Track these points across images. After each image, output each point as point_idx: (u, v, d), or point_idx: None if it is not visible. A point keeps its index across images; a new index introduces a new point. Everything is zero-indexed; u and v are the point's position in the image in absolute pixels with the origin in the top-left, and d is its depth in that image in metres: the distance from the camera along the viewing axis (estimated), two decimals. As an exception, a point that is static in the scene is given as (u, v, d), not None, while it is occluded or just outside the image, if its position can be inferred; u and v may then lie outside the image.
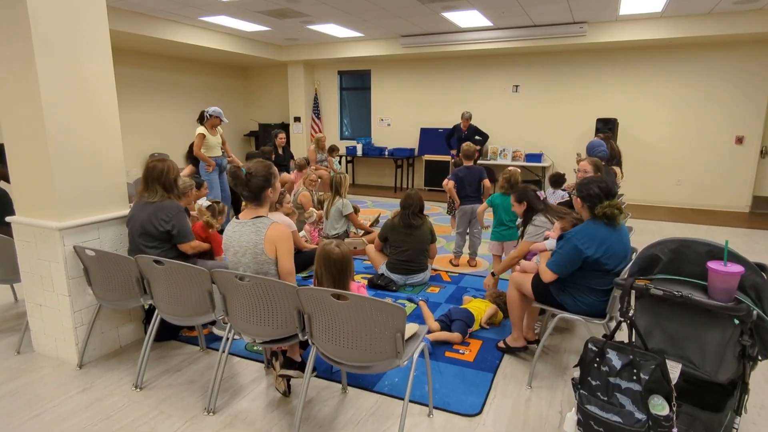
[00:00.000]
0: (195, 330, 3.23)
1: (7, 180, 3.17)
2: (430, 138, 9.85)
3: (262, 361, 2.92)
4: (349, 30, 8.41)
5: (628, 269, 2.25)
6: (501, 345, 3.05)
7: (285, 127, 10.85)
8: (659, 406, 1.72)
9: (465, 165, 4.81)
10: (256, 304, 2.29)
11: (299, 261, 2.92)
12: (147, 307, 3.14)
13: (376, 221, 6.33)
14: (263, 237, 2.35)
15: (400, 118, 10.35)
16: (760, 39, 7.33)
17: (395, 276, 4.15)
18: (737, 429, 1.95)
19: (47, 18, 2.54)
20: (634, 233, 2.71)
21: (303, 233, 5.22)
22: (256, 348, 3.07)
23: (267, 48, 9.80)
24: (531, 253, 3.29)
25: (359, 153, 10.27)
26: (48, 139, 2.60)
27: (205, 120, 5.57)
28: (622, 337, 1.93)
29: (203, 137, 5.53)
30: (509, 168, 4.22)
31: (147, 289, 2.66)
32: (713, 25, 6.95)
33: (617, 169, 5.15)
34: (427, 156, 9.69)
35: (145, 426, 2.31)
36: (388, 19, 7.54)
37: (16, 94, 2.64)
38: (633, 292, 1.97)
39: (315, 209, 5.36)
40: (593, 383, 1.87)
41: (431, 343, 3.09)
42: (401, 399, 2.53)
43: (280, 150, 7.31)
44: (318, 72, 10.99)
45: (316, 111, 10.99)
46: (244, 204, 2.52)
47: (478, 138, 8.09)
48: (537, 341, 3.07)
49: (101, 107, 2.85)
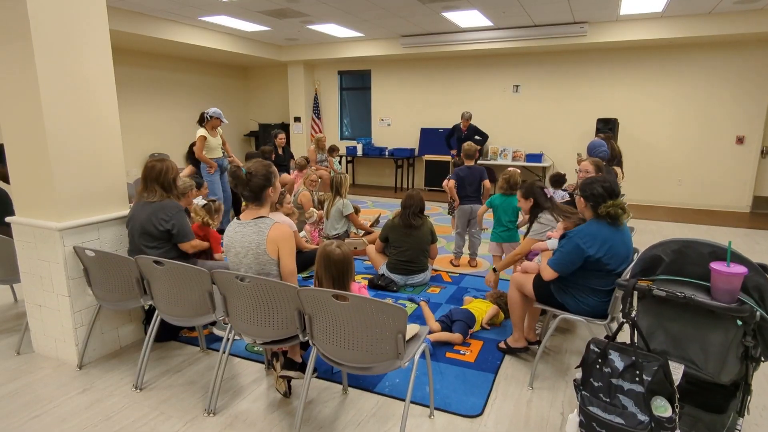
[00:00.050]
0: (195, 330, 3.22)
1: (7, 180, 3.16)
2: (430, 138, 9.84)
3: (262, 362, 2.91)
4: (350, 30, 8.40)
5: (630, 270, 2.24)
6: (502, 345, 3.04)
7: (285, 127, 10.85)
8: (662, 407, 1.71)
9: (466, 165, 4.80)
10: (256, 304, 2.28)
11: (299, 261, 2.91)
12: (147, 308, 3.13)
13: (376, 221, 6.32)
14: (265, 237, 2.34)
15: (400, 118, 10.35)
16: (760, 39, 7.32)
17: (395, 276, 4.14)
18: (740, 430, 1.94)
19: (47, 18, 2.53)
20: (634, 233, 2.71)
21: (303, 233, 5.22)
22: (256, 349, 3.06)
23: (267, 48, 9.80)
24: (532, 253, 3.28)
25: (359, 153, 10.27)
26: (48, 139, 2.59)
27: (206, 122, 5.55)
28: (623, 338, 1.92)
29: (204, 139, 5.52)
30: (509, 168, 4.22)
31: (147, 290, 2.66)
32: (714, 25, 6.94)
33: (618, 170, 5.14)
34: (428, 156, 9.69)
35: (146, 427, 2.31)
36: (388, 19, 7.54)
37: (16, 94, 2.63)
38: (635, 293, 1.96)
39: (315, 209, 5.35)
40: (595, 384, 1.87)
41: (432, 344, 3.09)
42: (402, 400, 2.52)
43: (280, 150, 7.30)
44: (318, 72, 10.98)
45: (316, 111, 10.99)
46: (244, 205, 2.51)
47: (478, 138, 8.08)
48: (538, 342, 3.06)
49: (101, 107, 2.85)
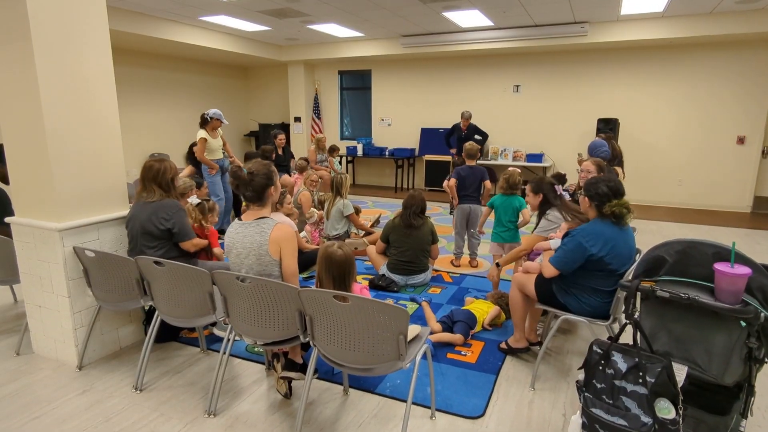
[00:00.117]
0: (195, 331, 3.21)
1: (7, 181, 3.15)
2: (430, 138, 9.83)
3: (263, 363, 2.90)
4: (350, 30, 8.39)
5: (632, 270, 2.23)
6: (503, 346, 3.03)
7: (285, 127, 10.84)
8: (665, 409, 1.70)
9: (468, 164, 4.79)
10: (257, 305, 2.27)
11: (300, 261, 2.90)
12: (147, 309, 3.12)
13: (376, 222, 6.31)
14: (268, 238, 2.33)
15: (400, 118, 10.33)
16: (761, 39, 7.31)
17: (396, 276, 4.13)
18: (743, 432, 1.93)
19: (47, 18, 2.52)
20: (635, 233, 2.70)
21: (304, 233, 5.21)
22: (257, 350, 3.05)
23: (267, 48, 9.78)
24: (534, 254, 3.27)
25: (360, 153, 10.26)
26: (48, 139, 2.58)
27: (206, 123, 5.54)
28: (626, 340, 1.91)
29: (205, 141, 5.51)
30: (509, 168, 4.21)
31: (147, 291, 2.65)
32: (715, 25, 6.93)
33: (619, 170, 5.13)
34: (428, 156, 9.68)
35: (145, 428, 2.30)
36: (388, 19, 7.53)
37: (15, 94, 2.62)
38: (639, 293, 1.95)
39: (316, 209, 5.34)
40: (598, 386, 1.85)
41: (433, 345, 3.07)
42: (403, 401, 2.51)
43: (279, 150, 7.28)
44: (318, 72, 10.97)
45: (316, 111, 10.97)
46: (244, 205, 2.50)
47: (477, 137, 8.07)
48: (539, 343, 3.05)
49: (101, 107, 2.84)
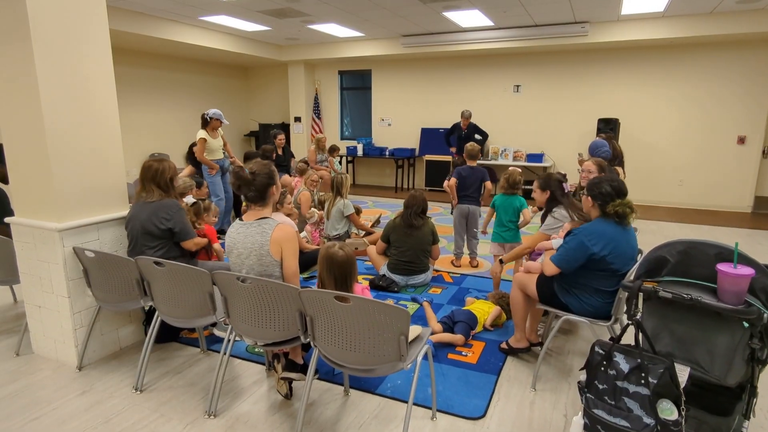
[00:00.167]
0: (195, 332, 3.20)
1: (6, 181, 3.15)
2: (430, 138, 9.82)
3: (263, 363, 2.89)
4: (350, 30, 8.38)
5: (634, 271, 2.22)
6: (504, 346, 3.02)
7: (285, 127, 10.83)
8: (668, 410, 1.69)
9: (469, 165, 4.78)
10: (257, 306, 2.26)
11: (300, 262, 2.89)
12: (147, 309, 3.12)
13: (377, 222, 6.30)
14: (269, 238, 2.33)
15: (400, 118, 10.33)
16: (762, 39, 7.30)
17: (396, 277, 4.12)
18: (745, 433, 1.92)
19: (47, 18, 2.51)
20: (636, 233, 2.69)
21: (304, 234, 5.20)
22: (257, 350, 3.04)
23: (267, 48, 9.78)
24: (536, 254, 3.26)
25: (360, 153, 10.25)
26: (48, 139, 2.57)
27: (207, 124, 5.53)
28: (628, 340, 1.90)
29: (205, 142, 5.50)
30: (510, 168, 4.21)
31: (147, 291, 2.64)
32: (715, 25, 6.92)
33: (620, 170, 5.12)
34: (428, 156, 9.67)
35: (146, 429, 2.29)
36: (388, 19, 7.52)
37: (15, 94, 2.61)
38: (641, 294, 1.94)
39: (316, 209, 5.33)
40: (600, 387, 1.85)
41: (434, 345, 3.07)
42: (404, 402, 2.50)
43: (279, 150, 7.27)
44: (318, 72, 10.97)
45: (316, 111, 10.97)
46: (244, 205, 2.50)
47: (477, 137, 8.07)
48: (540, 343, 3.04)
49: (101, 107, 2.83)
